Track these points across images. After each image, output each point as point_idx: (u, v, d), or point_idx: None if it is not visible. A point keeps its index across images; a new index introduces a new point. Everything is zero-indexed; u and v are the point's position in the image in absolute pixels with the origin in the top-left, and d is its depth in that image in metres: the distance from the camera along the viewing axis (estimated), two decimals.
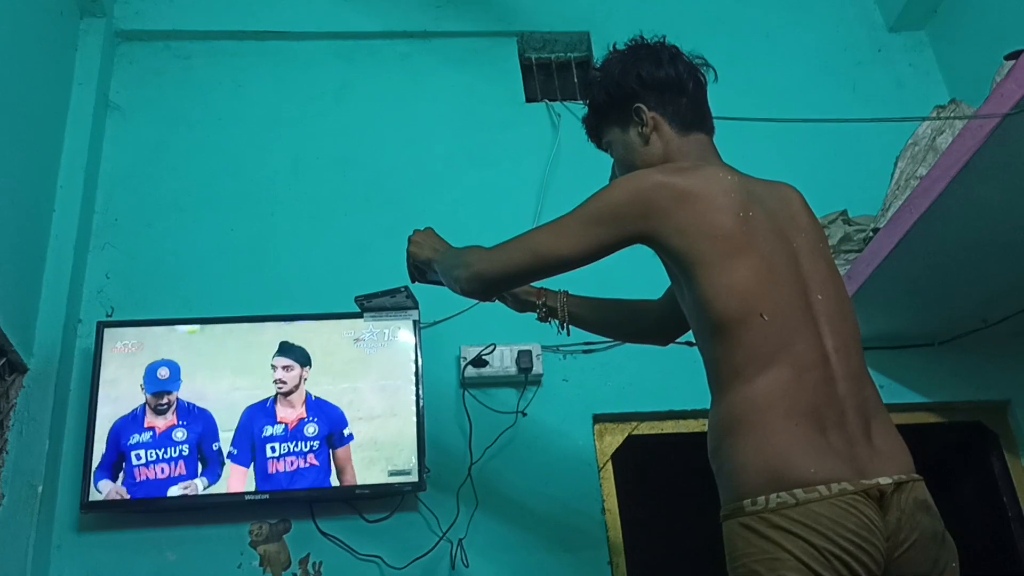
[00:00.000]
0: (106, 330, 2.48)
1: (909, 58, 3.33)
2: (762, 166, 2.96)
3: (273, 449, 2.39)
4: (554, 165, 2.08)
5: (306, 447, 2.41)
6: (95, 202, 2.80)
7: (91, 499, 2.31)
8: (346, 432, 2.43)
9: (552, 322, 1.98)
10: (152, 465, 2.35)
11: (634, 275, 2.13)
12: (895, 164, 2.52)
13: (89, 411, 2.39)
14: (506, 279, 1.64)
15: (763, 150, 3.01)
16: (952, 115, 2.35)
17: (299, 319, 2.55)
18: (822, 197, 2.73)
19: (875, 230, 2.47)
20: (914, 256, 2.31)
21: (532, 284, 1.95)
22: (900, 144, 2.53)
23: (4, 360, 2.30)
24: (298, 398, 2.46)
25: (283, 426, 2.42)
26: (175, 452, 2.37)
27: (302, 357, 2.50)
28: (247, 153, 2.95)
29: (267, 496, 2.36)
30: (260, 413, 2.43)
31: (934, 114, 2.41)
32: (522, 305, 2.01)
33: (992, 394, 2.80)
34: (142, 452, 2.36)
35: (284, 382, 2.47)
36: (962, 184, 2.03)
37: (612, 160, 1.79)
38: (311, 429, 2.42)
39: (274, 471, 2.37)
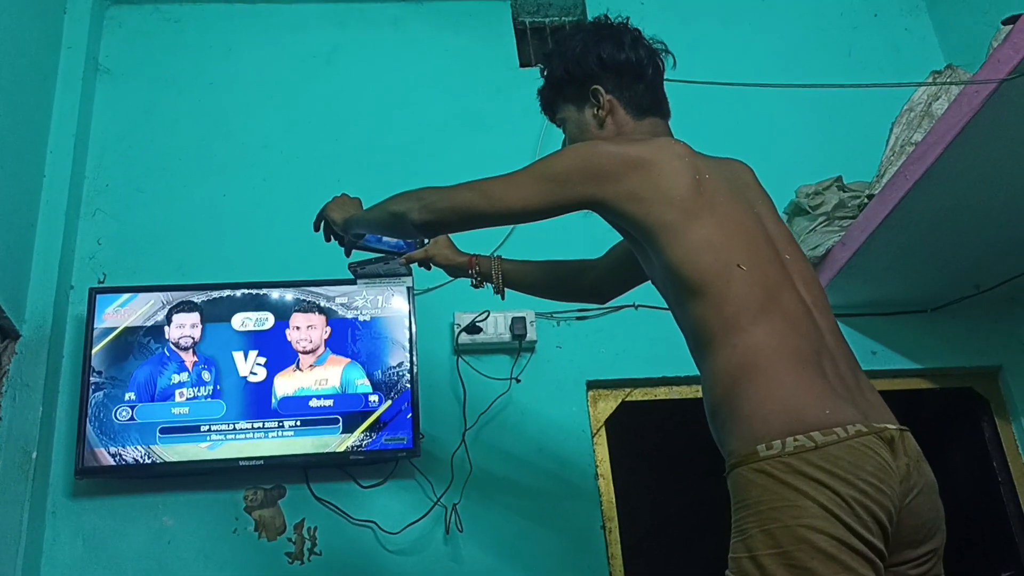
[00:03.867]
0: (98, 296, 2.47)
1: (905, 23, 3.30)
2: (757, 132, 2.99)
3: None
4: (549, 130, 2.06)
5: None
6: (85, 167, 2.77)
7: (86, 465, 2.31)
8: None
9: (486, 286, 2.03)
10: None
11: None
12: (890, 130, 2.52)
13: (83, 377, 2.39)
14: (457, 215, 1.63)
15: (757, 116, 3.03)
16: (948, 80, 2.34)
17: (294, 285, 2.54)
18: (817, 163, 2.77)
19: (870, 196, 2.46)
20: (909, 222, 2.31)
21: (465, 252, 2.04)
22: (896, 110, 2.52)
23: None
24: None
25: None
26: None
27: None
28: (238, 117, 2.92)
29: (262, 461, 2.37)
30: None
31: (930, 79, 2.40)
32: (455, 270, 2.06)
33: (983, 360, 2.81)
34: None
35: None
36: (958, 150, 2.02)
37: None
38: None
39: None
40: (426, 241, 2.04)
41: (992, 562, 2.74)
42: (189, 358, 2.44)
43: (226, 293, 2.52)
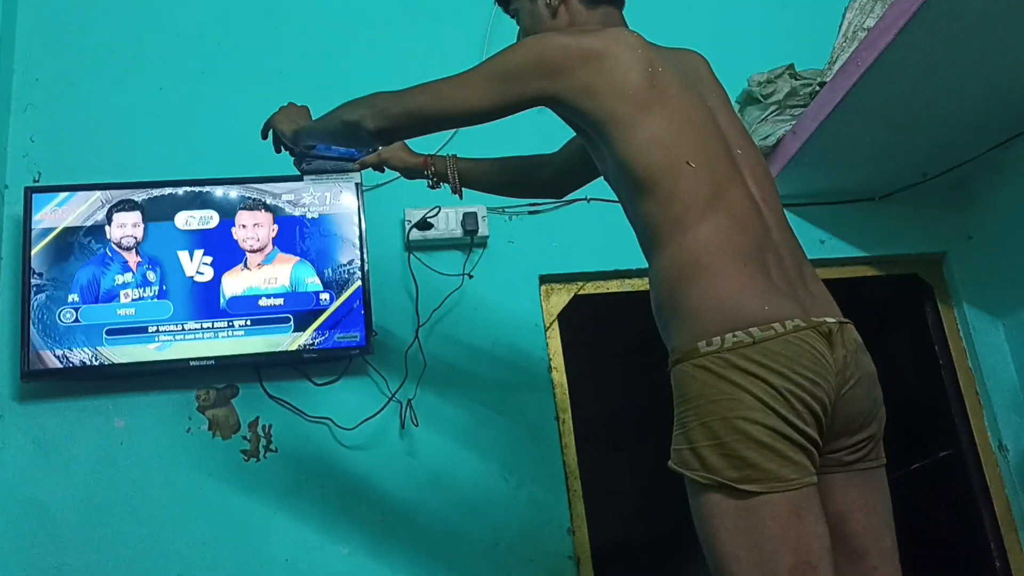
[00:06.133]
0: (34, 195, 2.39)
1: None
2: (708, 20, 2.93)
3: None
4: (497, 16, 2.00)
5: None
6: (13, 61, 2.63)
7: (31, 368, 2.27)
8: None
9: (443, 186, 2.02)
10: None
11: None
12: (843, 16, 2.49)
13: (23, 278, 2.32)
14: (410, 119, 1.61)
15: (709, 3, 2.97)
16: None
17: (239, 182, 2.48)
18: (768, 51, 2.74)
19: (822, 84, 2.45)
20: (860, 110, 2.31)
21: (419, 153, 2.02)
22: None
23: None
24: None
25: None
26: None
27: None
28: (172, 7, 2.79)
29: (212, 361, 2.35)
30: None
31: None
32: (411, 172, 2.05)
33: (928, 247, 2.86)
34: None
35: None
36: (909, 36, 2.01)
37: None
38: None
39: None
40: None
41: (932, 444, 2.84)
42: (132, 258, 2.39)
43: (168, 191, 2.45)
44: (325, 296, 2.44)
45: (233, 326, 2.38)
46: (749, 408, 1.30)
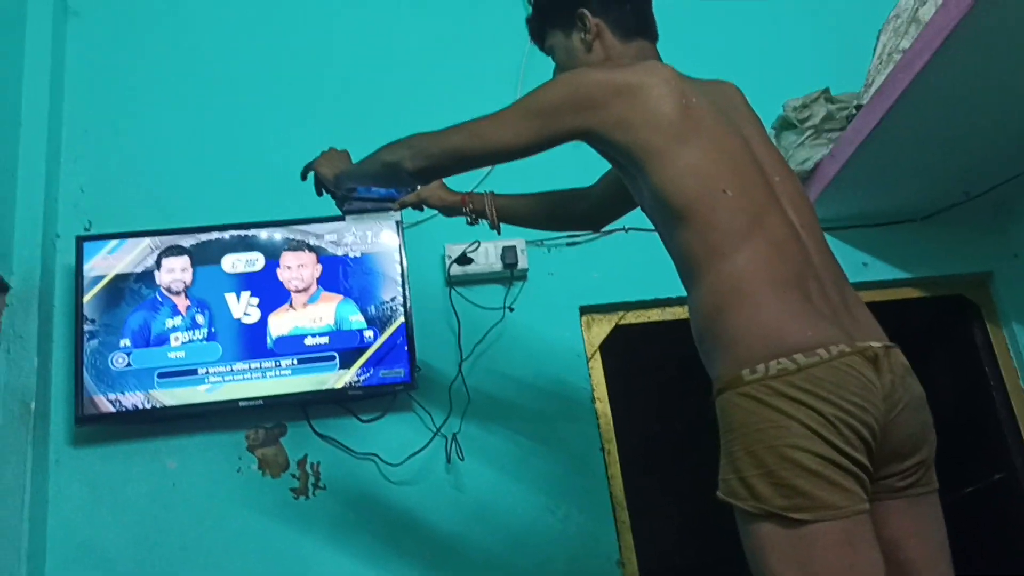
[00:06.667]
0: (86, 244, 2.45)
1: None
2: (742, 47, 2.94)
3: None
4: (531, 52, 2.03)
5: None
6: (62, 113, 2.71)
7: (85, 412, 2.32)
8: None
9: (481, 223, 2.05)
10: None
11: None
12: (877, 38, 2.48)
13: (76, 325, 2.38)
14: (450, 158, 1.64)
15: (743, 30, 2.99)
16: None
17: (282, 225, 2.53)
18: (804, 76, 2.73)
19: (858, 107, 2.44)
20: (898, 131, 2.29)
21: (458, 192, 2.05)
22: (882, 17, 2.47)
23: None
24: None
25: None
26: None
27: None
28: (213, 54, 2.86)
29: (261, 401, 2.38)
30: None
31: None
32: (449, 211, 2.07)
33: (974, 267, 2.83)
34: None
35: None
36: (946, 56, 2.00)
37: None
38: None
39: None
40: (418, 185, 2.04)
41: (984, 466, 2.78)
42: (182, 302, 2.44)
43: (215, 236, 2.50)
44: (369, 333, 2.47)
45: (280, 366, 2.41)
46: (796, 436, 1.29)
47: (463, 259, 2.60)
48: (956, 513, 1.72)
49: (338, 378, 2.42)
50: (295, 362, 2.42)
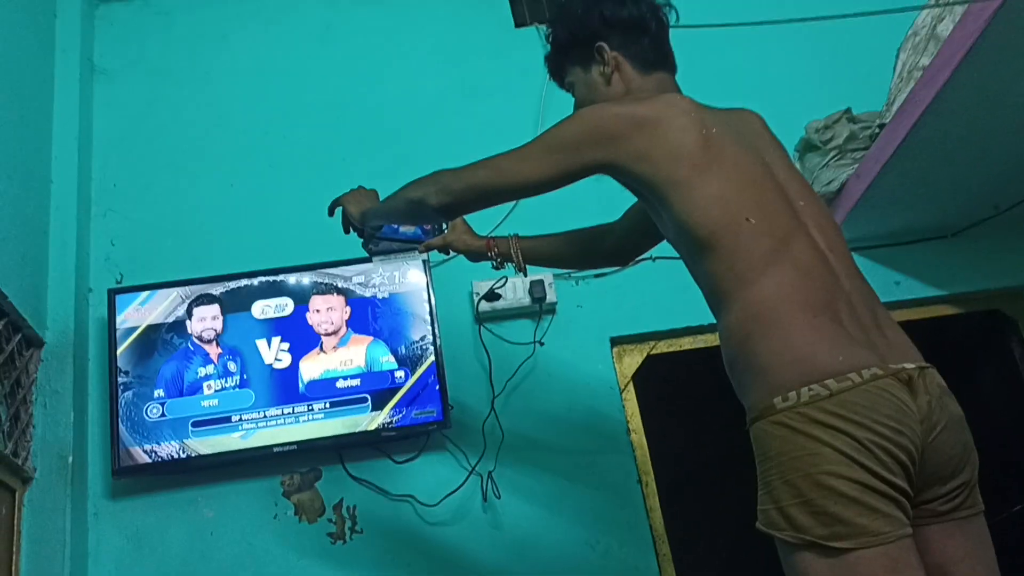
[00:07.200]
0: (118, 296, 2.48)
1: None
2: (762, 72, 2.94)
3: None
4: (550, 90, 2.04)
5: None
6: (91, 169, 2.77)
7: (122, 464, 2.33)
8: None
9: (508, 267, 2.04)
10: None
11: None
12: (897, 56, 2.47)
13: (110, 378, 2.40)
14: (472, 193, 1.64)
15: (761, 56, 2.99)
16: (952, 0, 2.29)
17: (310, 269, 2.55)
18: (825, 97, 2.73)
19: (881, 126, 2.43)
20: (922, 148, 2.28)
21: (481, 235, 2.05)
22: (900, 35, 2.47)
23: (20, 336, 2.30)
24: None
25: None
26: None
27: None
28: (238, 105, 2.91)
29: (295, 446, 2.38)
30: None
31: (933, 1, 2.35)
32: (474, 255, 2.07)
33: (1008, 281, 2.78)
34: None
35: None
36: (967, 71, 1.99)
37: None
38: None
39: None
40: (444, 228, 2.05)
41: None
42: (213, 350, 2.45)
43: (244, 283, 2.53)
44: (400, 374, 2.47)
45: (313, 410, 2.42)
46: (831, 462, 1.27)
47: (491, 295, 2.60)
48: (1004, 532, 1.69)
49: (371, 420, 2.42)
50: (327, 405, 2.42)
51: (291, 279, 2.54)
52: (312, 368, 2.46)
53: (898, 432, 1.29)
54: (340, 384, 2.45)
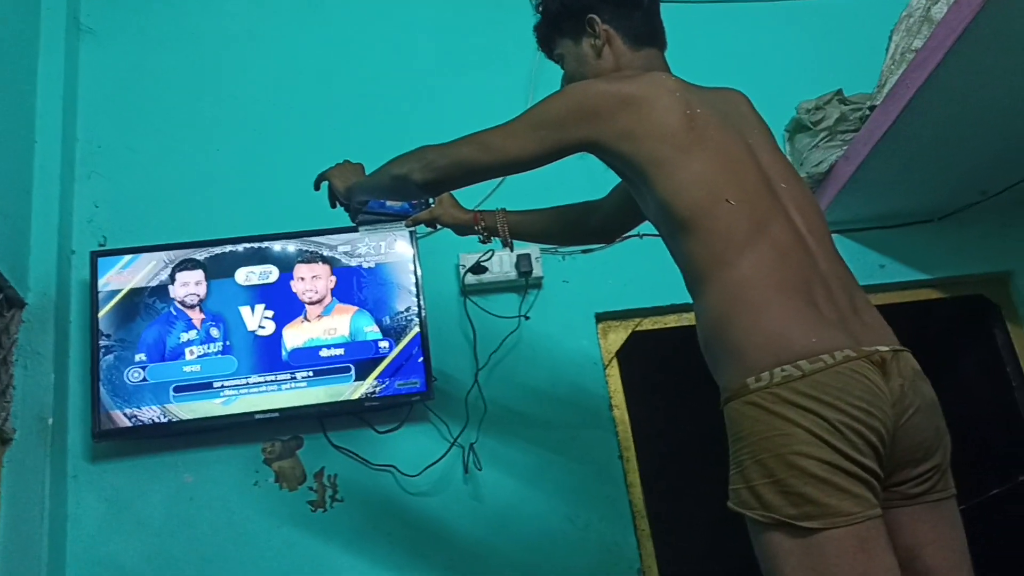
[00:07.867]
0: (100, 259, 2.46)
1: None
2: (754, 50, 2.93)
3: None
4: (541, 61, 2.03)
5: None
6: (76, 130, 2.73)
7: (102, 428, 2.32)
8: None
9: (494, 240, 2.04)
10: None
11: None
12: (889, 38, 2.46)
13: (92, 341, 2.39)
14: (457, 169, 1.63)
15: (754, 34, 2.98)
16: None
17: (296, 236, 2.53)
18: (815, 78, 2.73)
19: (872, 108, 2.43)
20: (912, 131, 2.28)
21: (469, 209, 2.06)
22: (894, 17, 2.46)
23: (1, 296, 2.29)
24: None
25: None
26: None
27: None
28: (227, 70, 2.88)
29: (277, 414, 2.38)
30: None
31: None
32: (461, 229, 2.07)
33: (993, 266, 2.80)
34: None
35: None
36: (959, 54, 1.99)
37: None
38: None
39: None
40: (431, 202, 2.05)
41: (1009, 466, 2.75)
42: (196, 316, 2.44)
43: (228, 248, 2.51)
44: (384, 344, 2.46)
45: (296, 378, 2.41)
46: (802, 442, 1.28)
47: (477, 268, 2.59)
48: (981, 517, 1.70)
49: (354, 389, 2.42)
50: (311, 374, 2.42)
51: (276, 246, 2.53)
52: (296, 336, 2.45)
53: (869, 414, 1.30)
54: (324, 353, 2.44)
